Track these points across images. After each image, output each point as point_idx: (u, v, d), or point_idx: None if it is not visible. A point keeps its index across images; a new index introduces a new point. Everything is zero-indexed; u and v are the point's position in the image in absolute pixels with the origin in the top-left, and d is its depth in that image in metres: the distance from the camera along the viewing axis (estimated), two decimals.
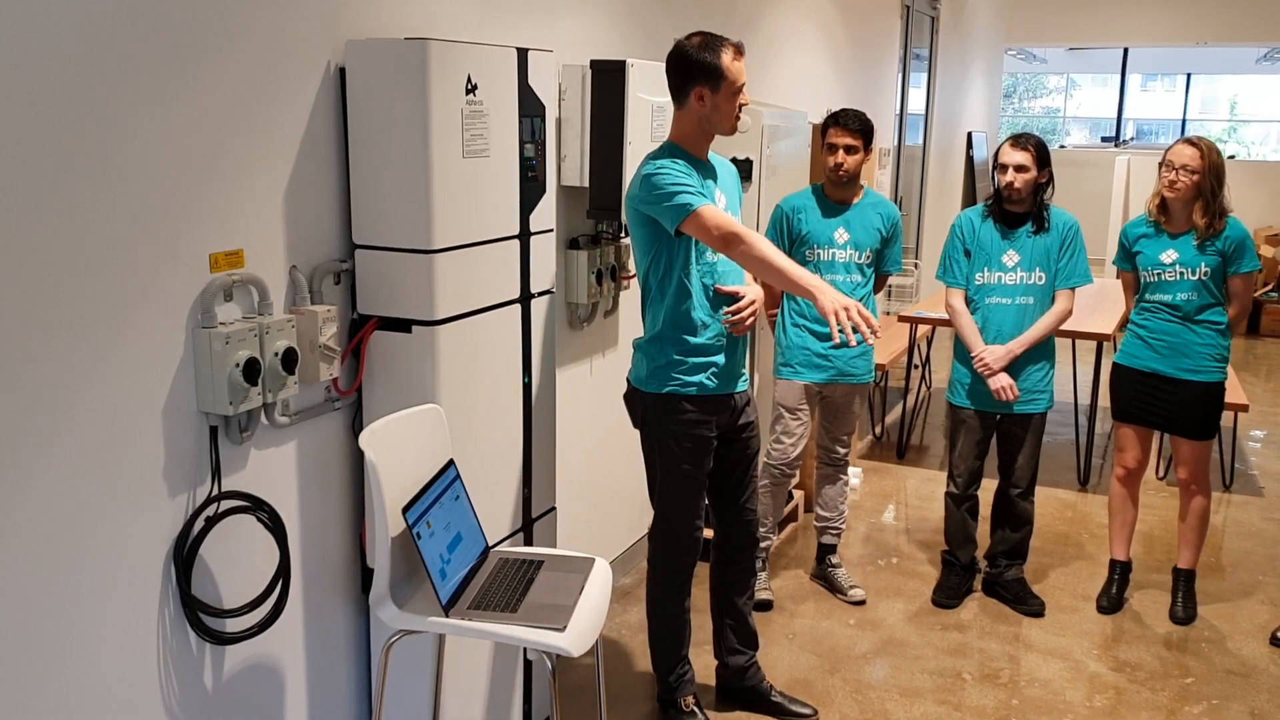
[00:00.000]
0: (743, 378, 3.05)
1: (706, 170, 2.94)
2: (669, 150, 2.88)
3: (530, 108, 2.79)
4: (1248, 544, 4.76)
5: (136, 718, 2.23)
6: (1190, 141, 3.74)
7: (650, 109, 3.45)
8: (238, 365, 2.25)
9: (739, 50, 2.81)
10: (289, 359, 2.37)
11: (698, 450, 2.97)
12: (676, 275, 2.87)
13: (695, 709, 3.19)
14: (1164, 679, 3.58)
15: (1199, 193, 3.69)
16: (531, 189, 2.85)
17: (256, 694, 2.54)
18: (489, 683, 2.91)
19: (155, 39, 2.10)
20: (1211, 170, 3.68)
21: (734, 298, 2.93)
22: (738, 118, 2.85)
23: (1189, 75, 20.82)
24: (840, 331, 2.58)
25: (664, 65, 2.89)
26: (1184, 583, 4.05)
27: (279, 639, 2.60)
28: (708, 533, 3.25)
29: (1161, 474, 5.61)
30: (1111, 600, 4.07)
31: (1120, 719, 3.35)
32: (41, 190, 1.93)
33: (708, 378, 2.94)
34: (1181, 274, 3.75)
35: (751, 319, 2.92)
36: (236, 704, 2.49)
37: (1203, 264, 3.72)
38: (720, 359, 2.95)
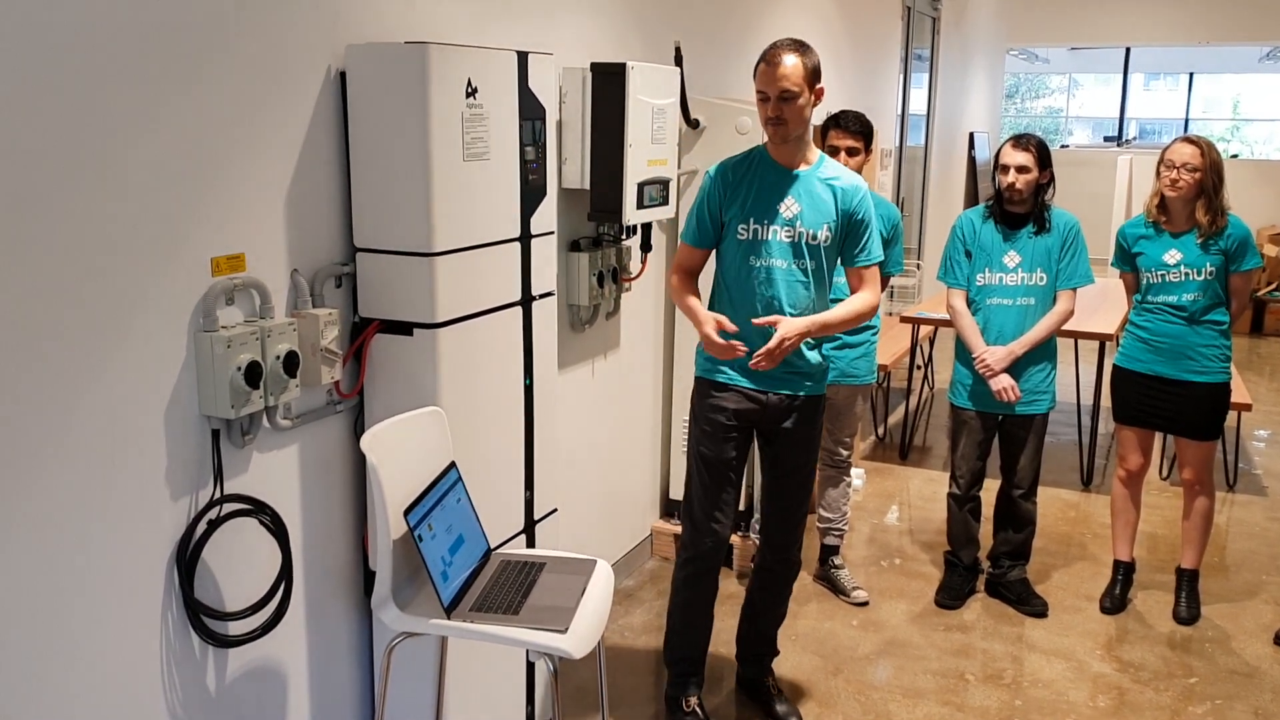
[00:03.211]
0: (787, 380, 3.00)
1: (781, 175, 2.94)
2: (746, 154, 3.02)
3: (531, 110, 2.80)
4: (1251, 544, 4.75)
5: None
6: (1189, 140, 3.73)
7: (651, 111, 3.45)
8: (239, 369, 2.26)
9: (767, 59, 2.86)
10: (290, 362, 2.38)
11: (715, 435, 3.01)
12: (718, 272, 3.03)
13: (697, 710, 3.19)
14: (1168, 679, 3.58)
15: (1201, 190, 3.69)
16: (532, 192, 2.85)
17: (259, 697, 2.55)
18: (491, 685, 2.92)
19: (157, 43, 2.10)
20: (1212, 167, 3.68)
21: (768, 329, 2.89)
22: (766, 123, 2.92)
23: (1191, 75, 20.80)
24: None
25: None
26: (1187, 583, 4.05)
27: (281, 642, 2.60)
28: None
29: (1165, 474, 5.60)
30: (1115, 600, 4.07)
31: (1124, 719, 3.34)
32: (43, 194, 1.94)
33: (733, 366, 3.00)
34: (1187, 274, 3.74)
35: (770, 359, 2.83)
36: (239, 707, 2.49)
37: (1208, 264, 3.71)
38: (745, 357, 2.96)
